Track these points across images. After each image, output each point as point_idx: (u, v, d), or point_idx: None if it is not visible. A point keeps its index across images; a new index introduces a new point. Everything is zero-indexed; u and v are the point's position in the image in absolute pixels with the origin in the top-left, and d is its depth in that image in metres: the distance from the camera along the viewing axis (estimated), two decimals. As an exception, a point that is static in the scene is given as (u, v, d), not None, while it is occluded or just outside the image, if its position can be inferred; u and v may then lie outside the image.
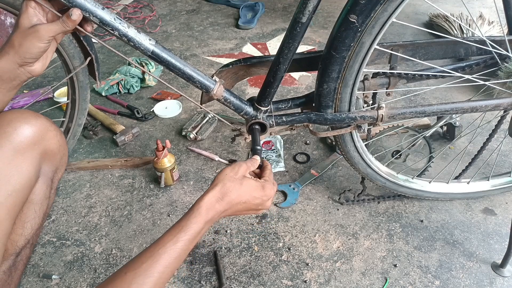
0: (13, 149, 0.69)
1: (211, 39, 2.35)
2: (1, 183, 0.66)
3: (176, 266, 0.63)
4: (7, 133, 0.69)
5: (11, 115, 0.72)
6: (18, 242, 0.78)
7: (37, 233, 0.84)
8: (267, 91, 0.90)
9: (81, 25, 0.71)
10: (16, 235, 0.77)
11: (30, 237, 0.81)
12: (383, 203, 1.27)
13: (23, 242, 0.79)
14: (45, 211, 0.83)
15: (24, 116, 0.73)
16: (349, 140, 1.04)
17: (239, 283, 1.05)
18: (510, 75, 0.97)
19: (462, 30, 2.11)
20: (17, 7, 0.92)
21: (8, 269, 0.78)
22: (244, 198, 0.71)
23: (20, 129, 0.71)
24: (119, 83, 1.84)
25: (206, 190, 0.71)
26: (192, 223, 0.65)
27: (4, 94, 0.71)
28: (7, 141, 0.68)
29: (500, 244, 1.14)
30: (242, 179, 0.72)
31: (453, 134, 1.47)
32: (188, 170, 1.42)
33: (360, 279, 1.06)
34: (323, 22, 2.53)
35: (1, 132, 0.69)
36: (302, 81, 1.93)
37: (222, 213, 0.70)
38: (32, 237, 0.82)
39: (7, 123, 0.70)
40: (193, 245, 0.66)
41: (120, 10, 2.72)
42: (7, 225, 0.67)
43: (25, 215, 0.78)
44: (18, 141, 0.70)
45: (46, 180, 0.80)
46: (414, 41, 0.98)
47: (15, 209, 0.69)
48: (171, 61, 0.79)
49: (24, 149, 0.70)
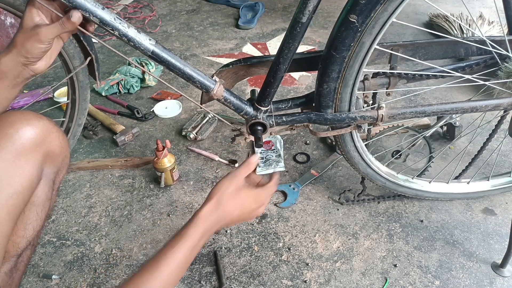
0: (15, 151, 0.68)
1: (211, 39, 2.35)
2: (3, 184, 0.66)
3: (177, 274, 0.65)
4: (9, 134, 0.69)
5: (14, 116, 0.71)
6: (20, 243, 0.78)
7: (38, 235, 0.84)
8: (267, 91, 0.89)
9: (83, 25, 0.71)
10: (17, 237, 0.77)
11: (32, 238, 0.81)
12: (383, 203, 1.27)
13: (24, 243, 0.79)
14: (46, 212, 0.83)
15: (26, 117, 0.72)
16: (349, 140, 1.04)
17: (239, 283, 1.05)
18: (510, 75, 0.96)
19: (462, 30, 2.11)
20: (17, 7, 0.92)
21: (10, 270, 0.78)
22: (238, 209, 0.73)
23: (22, 130, 0.70)
24: (119, 83, 1.84)
25: (203, 202, 0.73)
26: (191, 233, 0.68)
27: (8, 91, 0.71)
28: (9, 142, 0.68)
29: (500, 244, 1.14)
30: (236, 191, 0.74)
31: (453, 134, 1.47)
32: (188, 170, 1.42)
33: (360, 279, 1.06)
34: (323, 22, 2.53)
35: (3, 134, 0.68)
36: (302, 81, 1.93)
37: (218, 224, 0.72)
38: (33, 239, 0.82)
39: (10, 124, 0.70)
40: (193, 254, 0.68)
41: (120, 10, 2.72)
42: (8, 227, 0.67)
43: (26, 217, 0.78)
44: (20, 143, 0.69)
45: (48, 181, 0.80)
46: (414, 41, 0.98)
47: (16, 211, 0.69)
48: (171, 61, 0.79)
49: (26, 151, 0.70)
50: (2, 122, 0.70)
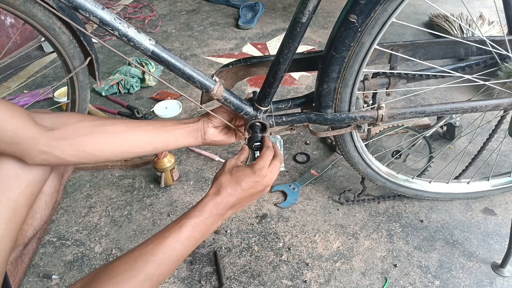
0: None
1: (211, 39, 2.35)
2: (23, 172, 0.68)
3: (181, 251, 0.65)
4: None
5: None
6: (27, 232, 0.81)
7: (44, 227, 0.86)
8: (267, 91, 0.89)
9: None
10: (25, 225, 0.79)
11: (39, 228, 0.83)
12: (383, 203, 1.27)
13: (31, 232, 0.81)
14: (54, 204, 0.85)
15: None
16: (349, 140, 1.04)
17: (239, 283, 1.05)
18: (510, 75, 0.97)
19: (462, 30, 2.11)
20: (17, 7, 0.92)
21: (15, 260, 0.80)
22: (239, 186, 0.72)
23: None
24: (119, 83, 1.84)
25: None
26: (195, 211, 0.68)
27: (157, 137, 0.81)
28: None
29: (500, 244, 1.14)
30: (231, 170, 0.74)
31: (453, 134, 1.47)
32: (188, 170, 1.42)
33: (360, 279, 1.06)
34: (323, 22, 2.54)
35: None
36: (302, 81, 1.93)
37: (226, 205, 0.71)
38: (40, 229, 0.83)
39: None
40: (199, 233, 0.67)
41: (120, 10, 2.72)
42: (24, 214, 0.69)
43: (36, 205, 0.80)
44: None
45: (57, 174, 0.83)
46: (414, 41, 0.98)
47: (32, 199, 0.71)
48: (171, 61, 0.78)
49: None
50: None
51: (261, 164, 0.75)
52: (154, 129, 0.79)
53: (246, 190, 0.72)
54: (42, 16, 0.93)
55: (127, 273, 0.59)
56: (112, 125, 0.74)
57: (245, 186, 0.72)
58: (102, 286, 0.57)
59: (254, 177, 0.73)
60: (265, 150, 0.80)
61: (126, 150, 0.76)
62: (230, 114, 0.89)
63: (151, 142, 0.79)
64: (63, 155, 0.68)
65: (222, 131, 0.89)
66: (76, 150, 0.69)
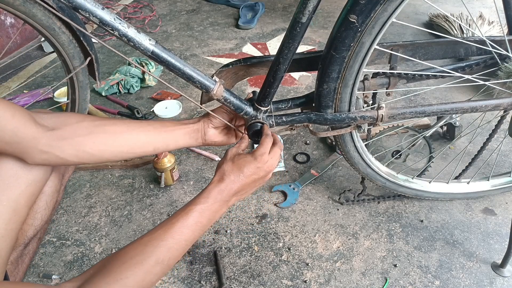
0: None
1: (211, 39, 2.35)
2: (23, 172, 0.68)
3: (189, 236, 0.66)
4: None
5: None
6: (28, 232, 0.81)
7: (44, 227, 0.86)
8: (267, 91, 0.89)
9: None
10: (26, 225, 0.80)
11: (40, 228, 0.83)
12: (383, 203, 1.27)
13: (32, 232, 0.82)
14: (54, 204, 0.85)
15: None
16: (349, 140, 1.04)
17: (239, 283, 1.05)
18: (510, 75, 0.96)
19: (462, 30, 2.11)
20: (17, 7, 0.92)
21: (16, 260, 0.80)
22: (242, 173, 0.73)
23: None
24: (119, 83, 1.84)
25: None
26: (201, 198, 0.69)
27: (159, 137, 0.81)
28: None
29: (500, 244, 1.14)
30: (233, 158, 0.75)
31: (453, 134, 1.47)
32: (188, 170, 1.42)
33: (360, 279, 1.06)
34: (323, 22, 2.54)
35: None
36: (302, 81, 1.93)
37: (230, 192, 0.72)
38: (40, 229, 0.84)
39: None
40: (205, 219, 0.68)
41: (120, 10, 2.72)
42: (24, 214, 0.70)
43: (37, 205, 0.80)
44: None
45: (58, 174, 0.83)
46: (414, 41, 0.98)
47: (32, 199, 0.72)
48: (171, 61, 0.78)
49: None
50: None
51: (262, 151, 0.75)
52: (154, 130, 0.79)
53: (248, 176, 0.73)
54: (42, 16, 0.93)
55: (138, 258, 0.60)
56: (112, 125, 0.74)
57: (247, 172, 0.73)
58: (114, 270, 0.58)
59: (255, 163, 0.74)
60: (265, 137, 0.80)
61: (126, 150, 0.76)
62: (230, 114, 0.89)
63: (151, 142, 0.79)
64: (63, 155, 0.68)
65: (222, 132, 0.89)
66: (76, 150, 0.69)
